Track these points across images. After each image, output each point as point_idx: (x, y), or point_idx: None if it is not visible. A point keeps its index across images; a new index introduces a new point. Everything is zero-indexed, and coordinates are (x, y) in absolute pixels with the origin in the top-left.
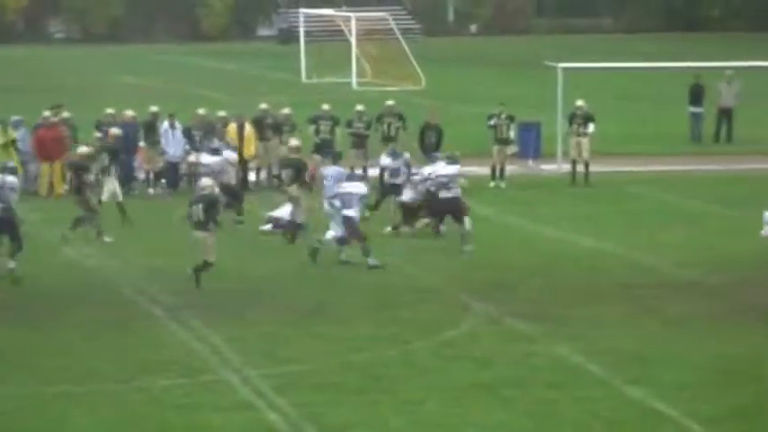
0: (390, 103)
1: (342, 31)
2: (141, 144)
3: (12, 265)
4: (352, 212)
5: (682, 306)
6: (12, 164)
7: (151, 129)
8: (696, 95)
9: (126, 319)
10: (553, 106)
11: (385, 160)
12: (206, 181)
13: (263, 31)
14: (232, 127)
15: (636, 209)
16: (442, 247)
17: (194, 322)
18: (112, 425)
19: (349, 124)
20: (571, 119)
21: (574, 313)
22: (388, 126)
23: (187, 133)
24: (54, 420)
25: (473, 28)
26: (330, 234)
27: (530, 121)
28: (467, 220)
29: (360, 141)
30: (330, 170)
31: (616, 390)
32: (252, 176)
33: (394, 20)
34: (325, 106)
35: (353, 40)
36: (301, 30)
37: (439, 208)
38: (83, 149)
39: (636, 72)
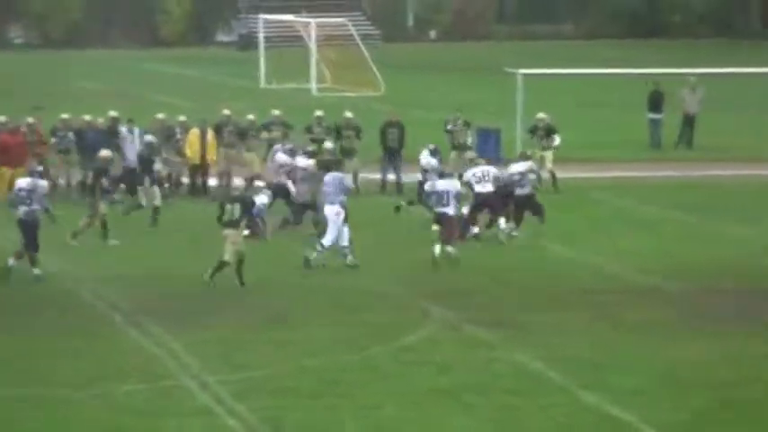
0: (349, 115)
1: (301, 36)
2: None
3: (12, 262)
4: (449, 210)
5: (640, 313)
6: (40, 168)
7: (112, 134)
8: (655, 102)
9: (85, 325)
10: (513, 113)
11: (426, 159)
12: (238, 182)
13: (223, 37)
14: (194, 133)
15: (596, 215)
16: (400, 252)
17: (154, 328)
18: (70, 430)
19: (308, 130)
20: (533, 131)
21: (534, 319)
22: (347, 139)
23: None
24: (8, 424)
25: (432, 34)
26: (327, 240)
27: (489, 127)
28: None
29: (318, 147)
30: (330, 176)
31: (574, 396)
32: (212, 182)
33: (353, 26)
34: (276, 112)
35: (313, 46)
36: (261, 35)
37: (516, 205)
38: (104, 153)
39: (596, 78)
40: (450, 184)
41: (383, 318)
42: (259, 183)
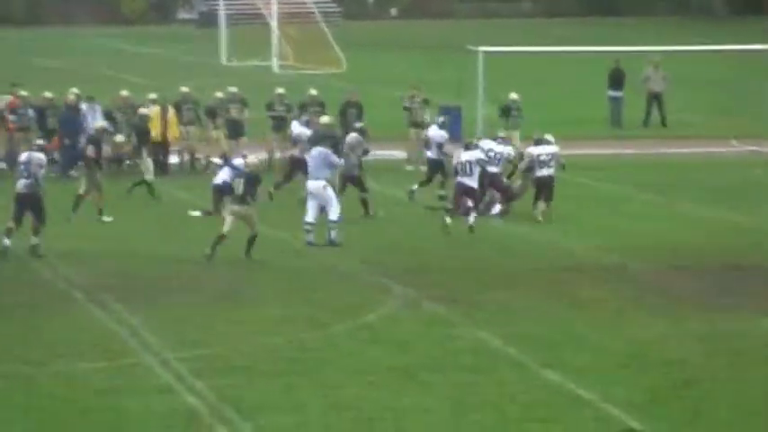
0: (314, 92)
1: (262, 14)
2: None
3: (35, 241)
4: (470, 181)
5: (599, 291)
6: (40, 141)
7: (73, 111)
8: (616, 80)
9: (45, 302)
10: (474, 90)
11: (435, 132)
12: (251, 158)
13: (183, 15)
14: (155, 110)
15: (557, 193)
16: (359, 231)
17: (114, 305)
18: (28, 408)
19: (269, 107)
20: (506, 111)
21: (493, 297)
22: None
23: (108, 115)
24: None
25: (393, 11)
26: (311, 216)
27: (450, 105)
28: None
29: (280, 124)
30: (315, 151)
31: (533, 373)
32: (174, 159)
33: (314, 3)
34: (233, 88)
35: (274, 24)
36: (221, 13)
37: (538, 185)
38: (100, 124)
39: (556, 56)
40: (473, 155)
41: (343, 296)
42: (216, 160)
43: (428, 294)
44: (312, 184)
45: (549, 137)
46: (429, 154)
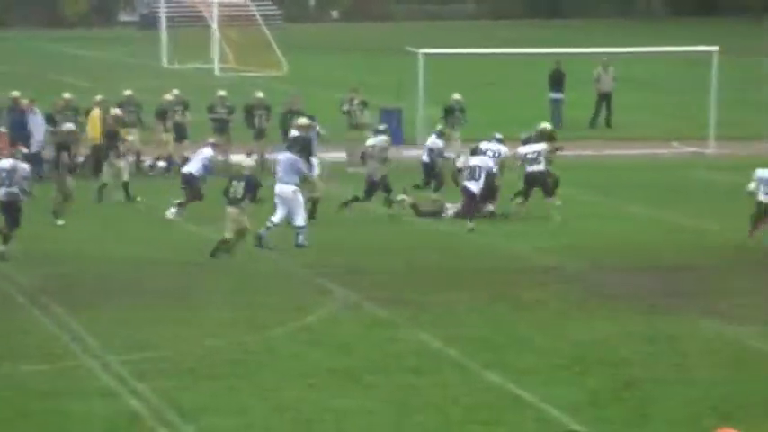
0: (260, 95)
1: (203, 16)
2: (2, 129)
3: (2, 248)
4: (474, 186)
5: (540, 292)
6: (25, 150)
7: (20, 114)
8: (556, 81)
9: None
10: (415, 92)
11: (433, 141)
12: (248, 161)
13: (125, 17)
14: (95, 112)
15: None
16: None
17: (56, 308)
18: None
19: (211, 110)
20: (450, 112)
21: (434, 299)
22: (259, 118)
23: (50, 119)
24: None
25: (334, 14)
26: (277, 217)
27: (391, 107)
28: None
29: (221, 127)
30: (283, 156)
31: (476, 375)
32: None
33: (255, 6)
34: (176, 91)
35: (215, 26)
36: (162, 15)
37: (528, 181)
38: (68, 126)
39: (501, 58)
40: (482, 161)
41: (285, 298)
42: (161, 163)
43: (370, 296)
44: (281, 189)
45: (498, 135)
46: (424, 158)
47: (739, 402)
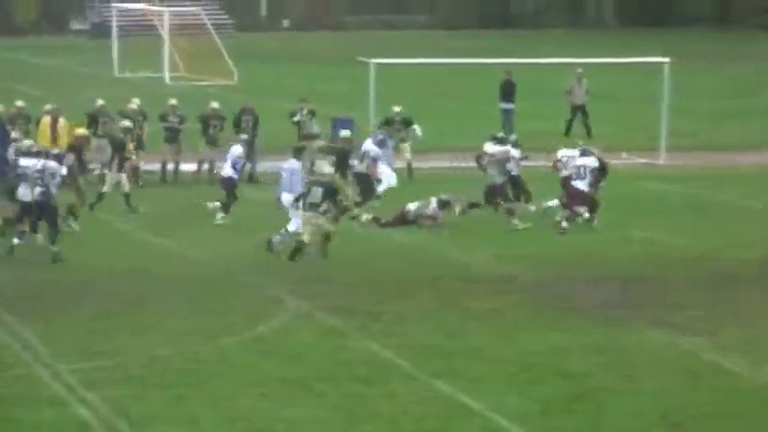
0: (215, 105)
1: (155, 25)
2: None
3: (55, 248)
4: (583, 185)
5: (492, 301)
6: (55, 151)
7: None
8: (507, 92)
9: None
10: (367, 102)
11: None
12: (327, 168)
13: (77, 26)
14: (45, 120)
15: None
16: (257, 242)
17: (6, 317)
18: None
19: (162, 118)
20: (389, 123)
21: (386, 308)
22: (214, 128)
23: (1, 127)
24: None
25: (286, 23)
26: (292, 226)
27: (342, 117)
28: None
29: (173, 136)
30: (288, 164)
31: (424, 384)
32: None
33: (207, 15)
34: (137, 100)
35: (166, 35)
36: (114, 24)
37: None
38: (80, 132)
39: (450, 68)
40: (589, 161)
41: (236, 308)
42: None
43: (322, 305)
44: (287, 197)
45: (499, 135)
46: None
47: (690, 413)
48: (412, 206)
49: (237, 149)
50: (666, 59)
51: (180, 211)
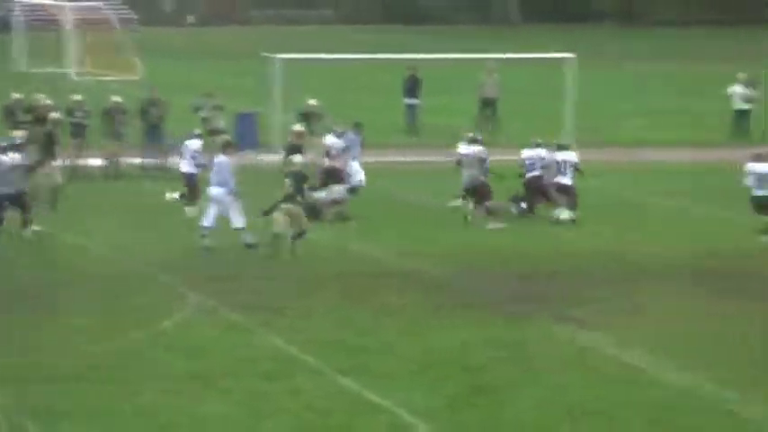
0: (118, 99)
1: (58, 20)
2: None
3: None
4: (566, 180)
5: (399, 297)
6: (17, 140)
7: None
8: (411, 87)
9: None
10: (272, 97)
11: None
12: (298, 158)
13: None
14: None
15: (355, 200)
16: (163, 237)
17: None
18: None
19: (69, 113)
20: (306, 117)
21: (291, 304)
22: (117, 122)
23: None
24: None
25: (191, 18)
26: (207, 221)
27: (247, 111)
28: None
29: (79, 131)
30: (219, 158)
31: (330, 380)
32: None
33: (111, 10)
34: (78, 96)
35: (69, 30)
36: (17, 18)
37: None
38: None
39: (355, 64)
40: (569, 155)
41: (142, 303)
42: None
43: (227, 301)
44: (217, 191)
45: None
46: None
47: (591, 408)
48: (318, 194)
49: (194, 143)
50: (571, 55)
51: (88, 207)
